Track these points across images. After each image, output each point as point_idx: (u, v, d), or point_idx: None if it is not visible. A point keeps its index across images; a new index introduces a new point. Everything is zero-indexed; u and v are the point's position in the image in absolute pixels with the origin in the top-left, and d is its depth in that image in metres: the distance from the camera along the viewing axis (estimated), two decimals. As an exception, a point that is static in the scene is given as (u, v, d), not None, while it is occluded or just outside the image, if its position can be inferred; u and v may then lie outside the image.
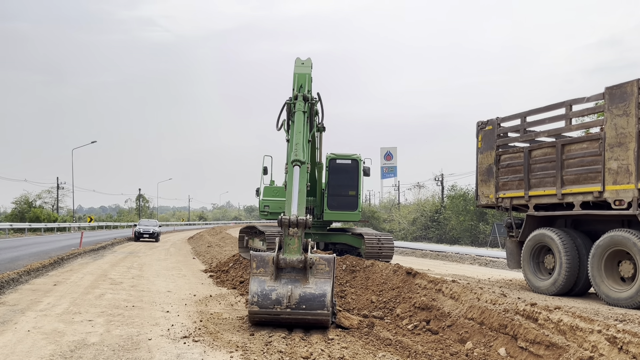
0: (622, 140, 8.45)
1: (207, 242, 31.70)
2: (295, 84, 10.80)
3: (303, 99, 10.34)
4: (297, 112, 10.20)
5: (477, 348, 6.86)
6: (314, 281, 7.57)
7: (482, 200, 11.67)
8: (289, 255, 7.69)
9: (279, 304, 7.37)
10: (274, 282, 7.55)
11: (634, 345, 5.38)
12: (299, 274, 7.64)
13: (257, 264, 7.69)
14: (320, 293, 7.41)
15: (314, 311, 7.34)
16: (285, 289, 7.45)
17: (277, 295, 7.40)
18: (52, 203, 61.27)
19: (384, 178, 66.36)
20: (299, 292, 7.41)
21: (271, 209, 15.55)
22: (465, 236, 40.50)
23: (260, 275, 7.62)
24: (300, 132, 9.51)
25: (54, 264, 16.25)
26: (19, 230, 40.25)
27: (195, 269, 17.61)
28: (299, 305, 7.35)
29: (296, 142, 9.28)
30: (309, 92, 10.68)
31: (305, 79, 10.87)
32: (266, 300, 7.40)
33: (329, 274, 7.64)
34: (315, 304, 7.34)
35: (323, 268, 7.67)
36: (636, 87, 8.32)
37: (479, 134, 11.66)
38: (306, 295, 7.40)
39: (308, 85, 10.81)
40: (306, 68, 11.30)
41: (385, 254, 14.53)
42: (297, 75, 10.95)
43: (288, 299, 7.37)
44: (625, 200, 8.44)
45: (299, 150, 9.05)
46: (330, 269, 7.68)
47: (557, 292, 9.65)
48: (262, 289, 7.46)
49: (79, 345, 6.66)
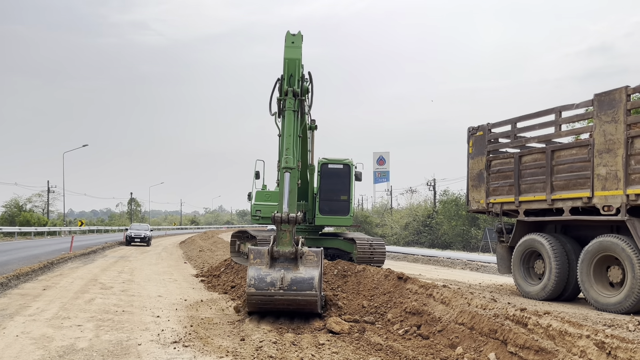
0: (610, 147, 8.53)
1: (198, 246, 31.58)
2: (286, 73, 10.57)
3: (293, 94, 10.28)
4: (287, 111, 10.24)
5: (467, 353, 6.89)
6: (303, 268, 8.64)
7: (472, 205, 11.72)
8: (282, 247, 8.73)
9: (273, 286, 8.40)
10: (269, 270, 8.59)
11: (622, 350, 5.42)
12: (290, 263, 8.68)
13: (254, 256, 8.77)
14: (309, 277, 8.49)
15: (303, 292, 8.36)
16: (278, 273, 8.50)
17: (271, 279, 8.44)
18: (42, 207, 60.82)
19: (377, 183, 66.49)
20: (291, 276, 8.48)
21: (263, 213, 15.53)
22: (457, 241, 40.63)
23: (257, 264, 8.67)
24: (290, 135, 9.93)
25: (43, 268, 16.14)
26: (9, 234, 39.93)
27: (186, 273, 17.55)
28: (290, 287, 8.38)
29: (286, 147, 9.85)
30: (298, 81, 10.50)
31: (296, 67, 10.57)
32: (262, 283, 8.43)
33: (317, 263, 8.71)
34: (304, 286, 8.39)
35: (312, 259, 8.77)
36: (625, 94, 8.40)
37: (470, 139, 11.73)
38: (297, 278, 8.47)
39: (298, 73, 10.59)
40: (296, 50, 10.81)
41: (377, 259, 14.55)
42: (287, 61, 10.60)
43: (281, 281, 8.40)
44: (614, 206, 8.51)
45: (289, 156, 9.66)
46: (318, 259, 8.76)
47: (546, 297, 9.69)
48: (258, 274, 8.52)
49: (67, 350, 6.62)
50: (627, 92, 8.38)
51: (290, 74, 10.51)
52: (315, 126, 14.34)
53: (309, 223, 15.21)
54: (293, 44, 10.85)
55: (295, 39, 10.93)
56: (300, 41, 10.94)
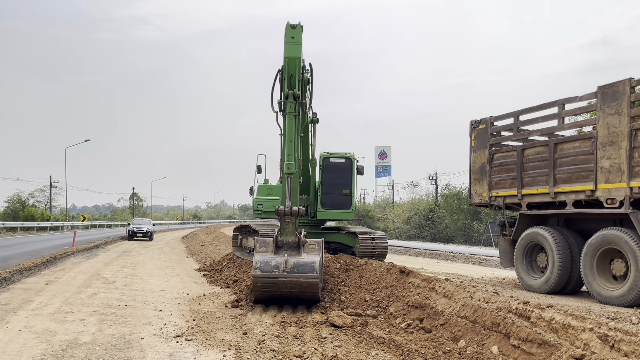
0: (614, 139, 8.48)
1: (200, 241, 31.62)
2: (286, 73, 10.35)
3: (294, 98, 10.17)
4: (288, 115, 10.22)
5: (470, 346, 6.88)
6: (305, 254, 9.39)
7: (475, 199, 11.69)
8: (286, 237, 9.55)
9: (277, 269, 9.11)
10: (274, 255, 9.34)
11: (626, 343, 5.41)
12: (294, 250, 9.46)
13: (260, 245, 9.52)
14: (310, 261, 9.22)
15: (305, 274, 9.06)
16: (282, 258, 9.23)
17: (275, 262, 9.18)
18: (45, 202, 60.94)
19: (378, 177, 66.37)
20: (293, 260, 9.23)
21: (265, 207, 15.52)
22: (459, 235, 40.60)
23: (262, 252, 9.42)
24: (291, 140, 10.19)
25: (46, 263, 16.17)
26: (12, 229, 39.99)
27: (188, 268, 17.57)
28: (293, 269, 9.10)
29: (288, 153, 10.13)
30: (299, 81, 10.33)
31: (296, 66, 10.32)
32: (267, 266, 9.15)
33: (318, 251, 9.47)
34: (306, 269, 9.11)
35: (313, 247, 9.54)
36: (628, 86, 8.35)
37: (472, 132, 11.68)
38: (299, 262, 9.21)
39: (299, 73, 10.38)
40: (297, 47, 10.43)
41: (379, 253, 14.53)
42: (287, 60, 10.33)
43: (285, 264, 9.12)
44: (617, 199, 8.47)
45: (291, 162, 10.08)
46: (319, 248, 9.53)
47: (549, 290, 9.68)
48: (263, 259, 9.25)
49: (70, 344, 6.62)
50: (631, 84, 8.33)
51: (290, 74, 10.30)
52: (316, 119, 14.28)
53: (311, 217, 15.21)
54: (293, 39, 10.48)
55: (295, 34, 10.51)
56: (301, 35, 10.58)
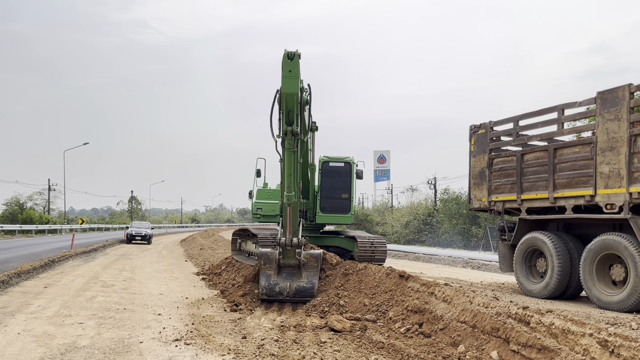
0: (613, 145, 8.50)
1: (199, 244, 31.58)
2: (284, 108, 9.90)
3: (292, 134, 9.96)
4: (287, 152, 10.24)
5: (469, 351, 6.86)
6: (305, 275, 10.62)
7: (474, 203, 11.70)
8: (287, 260, 10.64)
9: (280, 294, 10.42)
10: (277, 277, 10.51)
11: (625, 349, 5.40)
12: (295, 270, 10.64)
13: (265, 261, 10.57)
14: (310, 286, 10.53)
15: (305, 298, 10.37)
16: (285, 283, 10.45)
17: (279, 289, 10.43)
18: (43, 205, 60.82)
19: (377, 181, 66.44)
20: (295, 286, 10.47)
21: (264, 211, 15.52)
22: (458, 239, 40.58)
23: (267, 270, 10.53)
24: (290, 174, 10.43)
25: (44, 266, 16.14)
26: (10, 232, 39.94)
27: (187, 271, 17.54)
28: (295, 295, 10.43)
29: (287, 186, 10.48)
30: (297, 116, 9.96)
31: (294, 103, 9.87)
32: (272, 292, 10.45)
33: (316, 268, 10.72)
34: (306, 294, 10.45)
35: (312, 264, 10.73)
36: (628, 92, 8.37)
37: (471, 137, 11.70)
38: (300, 288, 10.49)
39: (296, 108, 9.94)
40: (294, 82, 9.84)
41: (378, 257, 14.53)
42: (284, 96, 9.81)
43: (288, 288, 10.42)
44: (616, 204, 8.48)
45: (290, 194, 10.49)
46: (317, 264, 10.76)
47: (549, 295, 9.67)
48: (268, 284, 10.45)
49: (69, 348, 6.60)
50: (630, 89, 8.36)
51: (288, 109, 9.93)
52: (316, 127, 14.27)
53: (310, 221, 15.19)
54: (290, 72, 9.81)
55: (292, 66, 9.81)
56: (298, 67, 9.92)
